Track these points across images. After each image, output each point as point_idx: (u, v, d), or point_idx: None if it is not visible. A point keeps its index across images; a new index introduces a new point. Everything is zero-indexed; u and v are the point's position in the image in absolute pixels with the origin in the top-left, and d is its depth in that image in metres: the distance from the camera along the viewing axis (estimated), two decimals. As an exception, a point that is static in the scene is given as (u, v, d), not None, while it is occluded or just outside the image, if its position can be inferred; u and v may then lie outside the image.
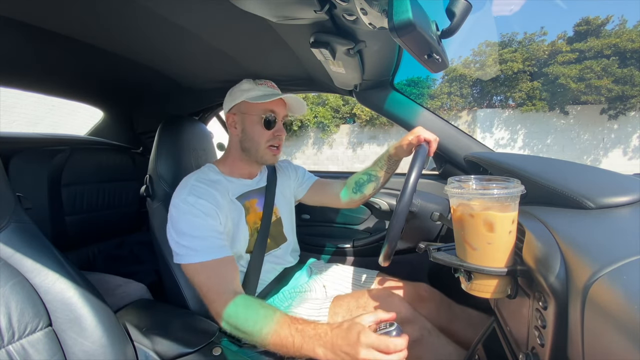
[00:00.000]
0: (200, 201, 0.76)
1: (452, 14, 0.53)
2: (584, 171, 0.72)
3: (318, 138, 12.06)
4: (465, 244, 0.55)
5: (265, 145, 0.87)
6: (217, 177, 0.86)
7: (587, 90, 9.86)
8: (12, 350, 0.50)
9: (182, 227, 0.74)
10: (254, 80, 0.90)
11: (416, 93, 12.26)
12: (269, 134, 0.87)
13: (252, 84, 0.88)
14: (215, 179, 0.85)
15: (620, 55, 9.71)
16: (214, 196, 0.79)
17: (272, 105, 0.86)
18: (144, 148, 1.70)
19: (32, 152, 1.22)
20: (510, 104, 11.27)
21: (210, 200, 0.77)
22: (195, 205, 0.75)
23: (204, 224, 0.74)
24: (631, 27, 10.12)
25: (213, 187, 0.80)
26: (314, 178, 1.13)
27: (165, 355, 0.65)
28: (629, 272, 0.34)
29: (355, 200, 1.03)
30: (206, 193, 0.78)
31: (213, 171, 0.88)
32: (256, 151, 0.88)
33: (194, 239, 0.72)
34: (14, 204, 0.61)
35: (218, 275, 0.71)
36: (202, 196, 0.77)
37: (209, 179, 0.83)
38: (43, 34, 0.85)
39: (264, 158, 0.89)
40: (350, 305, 0.81)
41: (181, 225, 0.74)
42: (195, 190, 0.78)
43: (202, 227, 0.74)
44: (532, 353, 0.47)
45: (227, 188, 0.85)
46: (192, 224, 0.74)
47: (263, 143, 0.87)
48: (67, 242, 1.28)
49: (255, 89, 0.87)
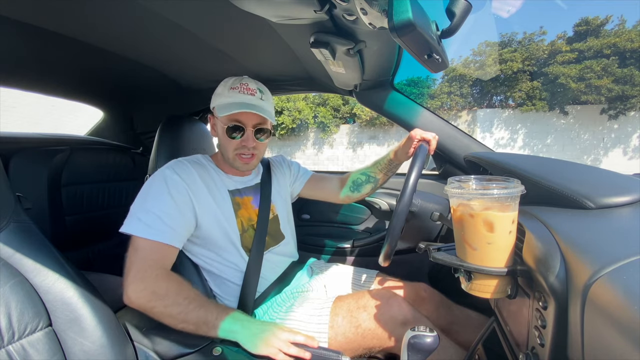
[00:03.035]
0: (174, 177, 0.76)
1: (452, 14, 0.53)
2: (584, 171, 0.72)
3: (318, 138, 12.07)
4: (465, 244, 0.55)
5: (233, 153, 0.85)
6: (206, 163, 0.86)
7: (587, 90, 9.86)
8: (12, 350, 0.50)
9: (143, 196, 0.74)
10: (232, 80, 0.85)
11: (416, 93, 12.26)
12: (236, 143, 0.83)
13: (224, 88, 0.84)
14: (204, 163, 0.86)
15: (620, 55, 9.71)
16: (191, 174, 0.78)
17: (238, 116, 0.81)
18: (144, 148, 1.70)
19: (32, 152, 1.21)
20: (510, 103, 11.27)
21: (184, 177, 0.77)
22: (166, 179, 0.75)
23: (161, 201, 0.73)
24: (630, 27, 10.13)
25: (195, 167, 0.81)
26: (310, 173, 1.13)
27: (165, 356, 0.65)
28: (629, 272, 0.34)
29: (352, 198, 1.06)
30: (184, 170, 0.78)
31: (205, 159, 0.89)
32: (227, 158, 0.86)
33: (148, 213, 0.71)
34: (14, 204, 0.61)
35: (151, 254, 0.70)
36: (178, 171, 0.77)
37: (195, 160, 0.84)
38: (43, 34, 0.85)
39: (235, 164, 0.87)
40: (351, 306, 0.81)
41: (144, 193, 0.74)
42: (175, 165, 0.78)
43: (157, 204, 0.72)
44: (532, 353, 0.47)
45: (215, 177, 0.86)
46: (151, 195, 0.73)
47: (231, 151, 0.85)
48: (67, 242, 1.28)
49: (225, 95, 0.83)
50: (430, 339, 0.53)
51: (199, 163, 0.85)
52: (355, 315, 0.78)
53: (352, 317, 0.79)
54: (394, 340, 0.75)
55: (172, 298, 0.66)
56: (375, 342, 0.77)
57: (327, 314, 0.80)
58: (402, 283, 0.98)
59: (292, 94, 1.16)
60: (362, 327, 0.77)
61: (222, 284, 0.85)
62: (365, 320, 0.77)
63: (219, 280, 0.85)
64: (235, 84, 0.84)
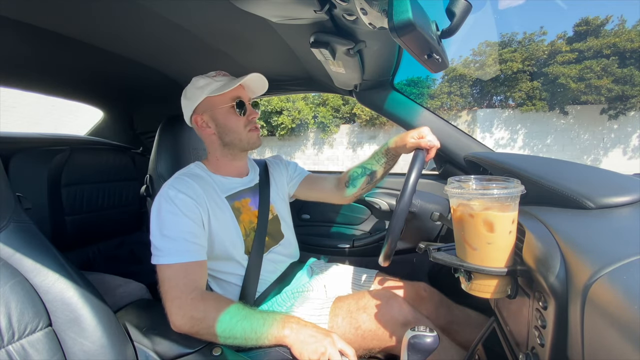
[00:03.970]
0: (180, 195, 0.75)
1: (452, 14, 0.53)
2: (584, 171, 0.72)
3: (318, 138, 12.06)
4: (465, 244, 0.55)
5: (246, 130, 0.86)
6: (202, 173, 0.86)
7: (587, 90, 9.85)
8: (12, 351, 0.50)
9: (158, 224, 0.73)
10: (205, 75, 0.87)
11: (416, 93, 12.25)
12: (244, 119, 0.86)
13: (206, 79, 0.85)
14: (201, 174, 0.85)
15: (620, 55, 9.70)
16: (195, 189, 0.78)
17: (236, 92, 0.85)
18: (144, 148, 1.70)
19: (32, 152, 1.21)
20: (510, 103, 11.26)
21: (190, 194, 0.76)
22: (174, 200, 0.74)
23: (180, 223, 0.73)
24: (630, 27, 10.12)
25: (196, 180, 0.80)
26: (306, 173, 1.11)
27: (165, 356, 0.65)
28: (629, 272, 0.34)
29: (350, 196, 1.01)
30: (187, 186, 0.77)
31: (199, 167, 0.88)
32: (240, 140, 0.87)
33: (164, 238, 0.71)
34: (14, 204, 0.61)
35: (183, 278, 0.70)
36: (182, 189, 0.76)
37: (192, 172, 0.83)
38: (43, 34, 0.85)
39: (250, 142, 0.88)
40: (351, 307, 0.81)
41: (157, 221, 0.74)
42: (177, 182, 0.78)
43: (176, 227, 0.72)
44: (532, 353, 0.47)
45: (213, 185, 0.85)
46: (166, 221, 0.73)
47: (242, 129, 0.86)
48: (67, 242, 1.28)
49: (213, 83, 0.84)
50: (430, 339, 0.53)
51: (197, 175, 0.83)
52: (355, 317, 0.78)
53: (352, 318, 0.78)
54: (394, 341, 0.75)
55: (213, 317, 0.66)
56: (375, 342, 0.77)
57: (327, 315, 0.80)
58: (402, 283, 0.98)
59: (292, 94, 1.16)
60: (362, 328, 0.77)
61: (222, 284, 0.85)
62: (365, 322, 0.77)
63: (219, 281, 0.85)
64: (211, 74, 0.87)
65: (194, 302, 0.67)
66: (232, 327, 0.66)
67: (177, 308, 0.67)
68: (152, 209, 0.75)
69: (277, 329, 0.66)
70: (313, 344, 0.64)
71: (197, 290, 0.69)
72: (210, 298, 0.70)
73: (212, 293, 0.73)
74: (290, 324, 0.68)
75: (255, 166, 1.01)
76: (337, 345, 0.65)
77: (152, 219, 0.74)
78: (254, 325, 0.66)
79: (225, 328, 0.65)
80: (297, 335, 0.66)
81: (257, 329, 0.66)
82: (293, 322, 0.69)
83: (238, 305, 0.70)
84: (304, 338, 0.65)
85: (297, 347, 0.65)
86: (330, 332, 0.69)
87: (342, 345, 0.66)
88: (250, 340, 0.66)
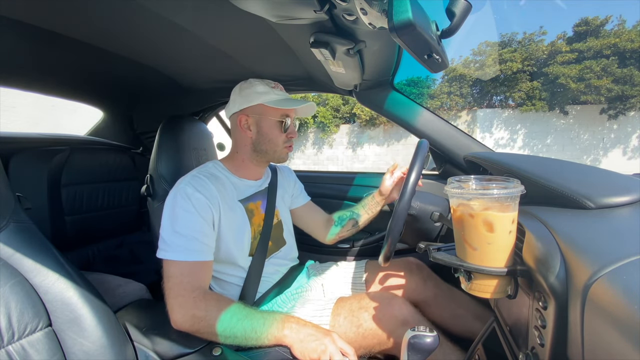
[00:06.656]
0: (197, 194, 0.75)
1: (452, 14, 0.53)
2: (584, 171, 0.72)
3: (318, 138, 12.06)
4: (465, 244, 0.55)
5: (283, 146, 0.90)
6: (219, 174, 0.86)
7: (586, 90, 9.85)
8: (12, 351, 0.50)
9: (170, 219, 0.73)
10: (265, 81, 0.90)
11: (416, 93, 12.24)
12: (284, 136, 0.90)
13: (266, 87, 0.88)
14: (218, 174, 0.85)
15: (620, 55, 9.70)
16: (211, 190, 0.78)
17: (289, 110, 0.89)
18: (144, 148, 1.70)
19: (32, 152, 1.21)
20: (510, 103, 11.26)
21: (206, 194, 0.76)
22: (190, 198, 0.74)
23: (193, 222, 0.73)
24: (630, 27, 10.11)
25: (212, 181, 0.80)
26: (308, 198, 1.15)
27: (165, 356, 0.65)
28: (629, 272, 0.34)
29: (332, 237, 1.11)
30: (204, 186, 0.77)
31: (217, 167, 0.88)
32: (274, 152, 0.90)
33: (175, 234, 0.72)
34: (13, 204, 0.61)
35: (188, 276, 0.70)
36: (199, 188, 0.76)
37: (210, 172, 0.84)
38: (43, 34, 0.85)
39: (281, 157, 0.93)
40: (353, 306, 0.81)
41: (170, 216, 0.74)
42: (194, 181, 0.78)
43: (189, 225, 0.73)
44: (532, 353, 0.47)
45: (229, 187, 0.85)
46: (180, 217, 0.73)
47: (280, 144, 0.90)
48: (67, 242, 1.28)
49: (272, 93, 0.87)
50: (430, 339, 0.53)
51: (214, 175, 0.83)
52: (357, 316, 0.79)
53: (353, 317, 0.79)
54: (394, 340, 0.75)
55: (214, 316, 0.66)
56: (375, 342, 0.77)
57: (329, 315, 0.81)
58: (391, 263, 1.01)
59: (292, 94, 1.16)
60: (363, 327, 0.77)
61: (222, 284, 0.85)
62: (366, 320, 0.77)
63: (220, 281, 0.85)
64: (271, 83, 0.90)
65: (196, 300, 0.67)
66: (232, 326, 0.66)
67: (179, 306, 0.67)
68: (166, 203, 0.76)
69: (277, 329, 0.67)
70: (313, 342, 0.65)
71: (200, 290, 0.70)
72: (211, 297, 0.70)
73: (214, 292, 0.73)
74: (290, 323, 0.68)
75: (268, 171, 1.03)
76: (337, 344, 0.65)
77: (165, 213, 0.75)
78: (255, 324, 0.66)
79: (226, 327, 0.66)
80: (297, 335, 0.66)
81: (257, 329, 0.66)
82: (293, 322, 0.69)
83: (239, 304, 0.70)
84: (303, 337, 0.66)
85: (297, 346, 0.65)
86: (330, 331, 0.69)
87: (342, 344, 0.66)
88: (251, 339, 0.66)
